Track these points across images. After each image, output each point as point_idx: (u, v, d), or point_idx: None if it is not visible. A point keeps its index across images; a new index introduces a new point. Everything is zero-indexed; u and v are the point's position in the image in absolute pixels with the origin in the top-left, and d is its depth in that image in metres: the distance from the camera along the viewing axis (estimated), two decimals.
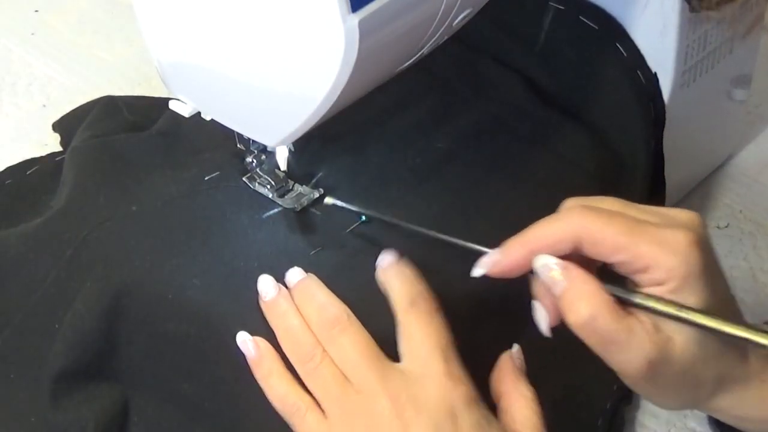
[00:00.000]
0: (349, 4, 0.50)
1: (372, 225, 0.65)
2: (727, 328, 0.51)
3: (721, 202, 0.83)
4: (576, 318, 0.54)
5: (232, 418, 0.60)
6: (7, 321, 0.67)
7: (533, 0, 0.75)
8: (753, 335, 0.51)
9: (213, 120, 0.63)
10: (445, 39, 0.60)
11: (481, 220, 0.66)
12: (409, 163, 0.69)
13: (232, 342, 0.60)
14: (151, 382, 0.63)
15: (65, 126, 0.85)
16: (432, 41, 0.58)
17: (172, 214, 0.66)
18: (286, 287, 0.62)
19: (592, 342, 0.54)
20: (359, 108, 0.62)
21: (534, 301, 0.57)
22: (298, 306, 0.60)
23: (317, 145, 0.69)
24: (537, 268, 0.55)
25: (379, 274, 0.61)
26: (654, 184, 0.73)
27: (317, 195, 0.66)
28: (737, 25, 0.57)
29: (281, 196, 0.66)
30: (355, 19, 0.50)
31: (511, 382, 0.59)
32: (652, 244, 0.53)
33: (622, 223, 0.54)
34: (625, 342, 0.53)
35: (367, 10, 0.50)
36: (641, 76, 0.72)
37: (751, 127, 0.89)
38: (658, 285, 0.53)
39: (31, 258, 0.68)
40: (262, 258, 0.63)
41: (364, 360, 0.57)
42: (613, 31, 0.73)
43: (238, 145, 0.66)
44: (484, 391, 0.62)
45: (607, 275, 0.55)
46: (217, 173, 0.68)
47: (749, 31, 0.75)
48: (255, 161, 0.66)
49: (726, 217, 0.82)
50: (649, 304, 0.53)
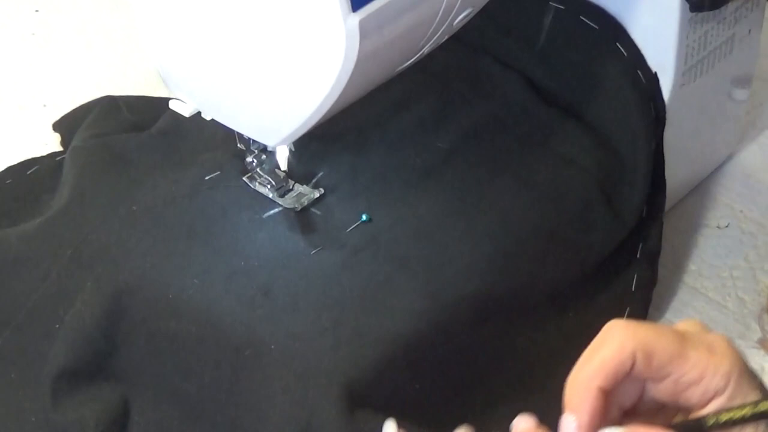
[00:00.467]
0: (349, 3, 0.50)
1: (372, 225, 0.65)
2: None
3: (721, 202, 0.83)
4: None
5: (232, 417, 0.60)
6: (8, 321, 0.67)
7: (533, 0, 0.75)
8: None
9: (213, 120, 0.63)
10: (445, 39, 0.61)
11: (481, 219, 0.66)
12: (410, 162, 0.69)
13: (232, 341, 0.60)
14: (151, 381, 0.63)
15: (65, 126, 0.85)
16: (432, 41, 0.58)
17: (173, 214, 0.66)
18: None
19: None
20: (359, 108, 0.62)
21: None
22: None
23: (317, 145, 0.69)
24: None
25: None
26: (654, 184, 0.73)
27: (317, 195, 0.66)
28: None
29: (281, 196, 0.66)
30: (355, 19, 0.50)
31: None
32: (704, 351, 0.50)
33: (671, 332, 0.51)
34: None
35: (367, 10, 0.50)
36: (641, 75, 0.72)
37: (751, 127, 0.89)
38: (716, 393, 0.50)
39: (31, 258, 0.68)
40: (262, 257, 0.63)
41: None
42: (613, 31, 0.73)
43: (239, 145, 0.66)
44: (482, 391, 0.62)
45: None
46: (218, 173, 0.68)
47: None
48: (255, 161, 0.66)
49: (726, 217, 0.82)
50: (729, 416, 0.49)
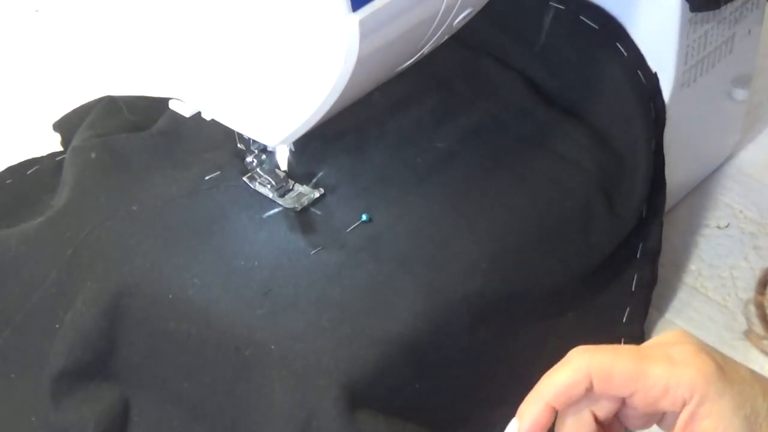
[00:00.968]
0: (349, 3, 0.50)
1: (372, 225, 0.65)
2: None
3: (721, 202, 0.83)
4: None
5: (233, 417, 0.60)
6: (8, 321, 0.67)
7: (533, 0, 0.75)
8: None
9: (213, 120, 0.63)
10: (445, 39, 0.61)
11: (481, 219, 0.66)
12: (410, 162, 0.69)
13: (232, 342, 0.60)
14: (151, 381, 0.63)
15: (65, 126, 0.85)
16: (432, 41, 0.58)
17: (173, 213, 0.66)
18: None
19: None
20: (359, 108, 0.62)
21: None
22: None
23: (317, 145, 0.69)
24: None
25: None
26: (654, 184, 0.73)
27: (317, 195, 0.66)
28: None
29: (281, 196, 0.66)
30: (355, 18, 0.50)
31: None
32: (664, 364, 0.51)
33: (628, 352, 0.52)
34: None
35: (367, 9, 0.50)
36: (641, 75, 0.72)
37: (751, 127, 0.89)
38: (683, 404, 0.51)
39: (31, 258, 0.68)
40: (262, 257, 0.63)
41: None
42: (613, 31, 0.73)
43: (239, 145, 0.66)
44: (483, 391, 0.62)
45: None
46: (218, 173, 0.68)
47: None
48: (255, 161, 0.66)
49: (726, 217, 0.82)
50: None
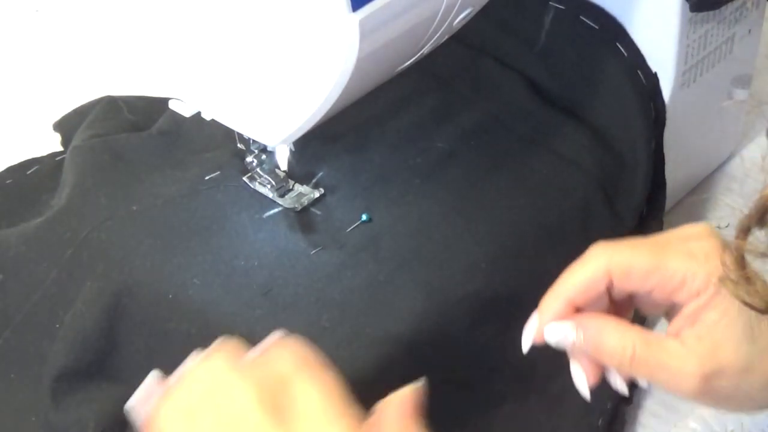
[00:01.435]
0: (349, 3, 0.50)
1: (372, 225, 0.65)
2: None
3: (722, 202, 0.83)
4: (618, 362, 0.53)
5: None
6: (8, 321, 0.67)
7: (533, 0, 0.75)
8: None
9: (213, 120, 0.63)
10: (445, 39, 0.61)
11: (481, 219, 0.66)
12: (410, 162, 0.69)
13: None
14: None
15: (65, 126, 0.85)
16: (432, 41, 0.58)
17: (173, 213, 0.66)
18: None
19: (642, 375, 0.54)
20: (359, 108, 0.62)
21: (571, 364, 0.56)
22: None
23: (317, 145, 0.69)
24: (555, 341, 0.54)
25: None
26: (654, 184, 0.73)
27: (317, 195, 0.66)
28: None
29: (281, 196, 0.66)
30: (355, 18, 0.50)
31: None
32: (683, 257, 0.53)
33: (647, 247, 0.54)
34: (670, 364, 0.52)
35: (367, 9, 0.50)
36: (641, 75, 0.72)
37: (751, 127, 0.89)
38: (699, 292, 0.52)
39: (31, 258, 0.68)
40: (262, 257, 0.63)
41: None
42: (613, 31, 0.73)
43: (239, 144, 0.66)
44: (483, 391, 0.62)
45: None
46: (218, 173, 0.68)
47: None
48: (255, 161, 0.66)
49: (726, 217, 0.82)
50: None
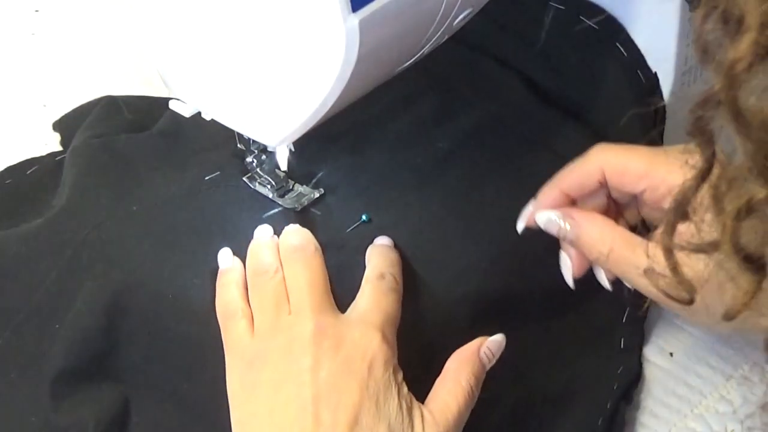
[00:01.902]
0: (349, 4, 0.50)
1: (372, 225, 0.65)
2: None
3: None
4: (596, 256, 0.58)
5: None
6: (8, 321, 0.67)
7: (533, 0, 0.75)
8: None
9: (213, 120, 0.63)
10: (445, 39, 0.61)
11: (481, 219, 0.66)
12: (410, 162, 0.69)
13: None
14: (151, 381, 0.63)
15: (65, 125, 0.85)
16: (432, 41, 0.58)
17: (173, 213, 0.66)
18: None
19: (618, 272, 0.58)
20: (359, 108, 0.62)
21: (561, 254, 0.60)
22: (279, 241, 0.61)
23: (317, 145, 0.68)
24: (544, 225, 0.59)
25: (368, 249, 0.62)
26: None
27: (317, 195, 0.66)
28: None
29: (281, 196, 0.66)
30: (355, 19, 0.50)
31: (457, 363, 0.59)
32: (672, 168, 0.56)
33: (644, 153, 0.59)
34: (644, 266, 0.54)
35: (367, 10, 0.50)
36: (641, 75, 0.72)
37: None
38: None
39: (31, 258, 0.68)
40: None
41: (309, 288, 0.58)
42: (613, 31, 0.73)
43: (239, 145, 0.66)
44: (482, 391, 0.61)
45: None
46: (218, 173, 0.68)
47: None
48: (255, 161, 0.66)
49: None
50: None
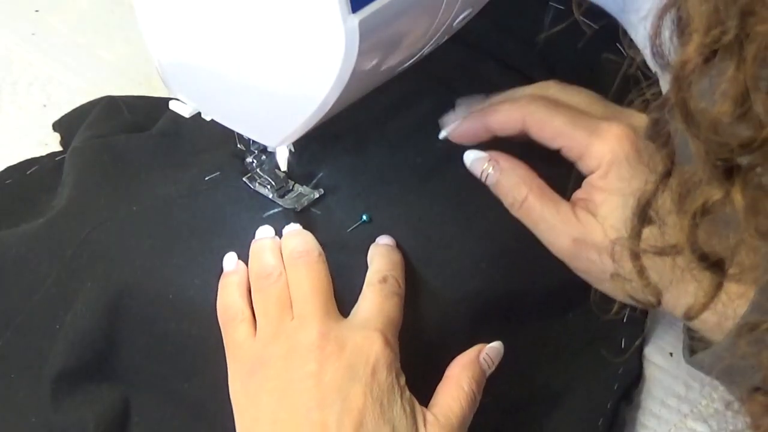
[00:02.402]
0: (349, 4, 0.50)
1: (373, 225, 0.65)
2: None
3: None
4: (510, 202, 0.62)
5: (233, 417, 0.60)
6: (8, 322, 0.67)
7: (533, 0, 0.75)
8: None
9: (213, 120, 0.63)
10: (445, 39, 0.61)
11: (481, 218, 0.66)
12: (410, 162, 0.69)
13: None
14: (151, 381, 0.63)
15: (66, 126, 0.85)
16: (432, 41, 0.58)
17: (173, 213, 0.66)
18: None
19: (527, 222, 0.62)
20: (359, 108, 0.62)
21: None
22: (282, 244, 0.62)
23: (317, 145, 0.68)
24: (469, 164, 0.63)
25: (370, 249, 0.62)
26: None
27: (317, 195, 0.66)
28: None
29: (281, 197, 0.66)
30: (355, 19, 0.50)
31: (459, 369, 0.59)
32: (586, 133, 0.60)
33: (565, 114, 0.61)
34: (551, 221, 0.61)
35: (367, 10, 0.50)
36: (641, 75, 0.72)
37: None
38: (592, 172, 0.60)
39: (31, 258, 0.68)
40: None
41: (313, 294, 0.58)
42: (613, 31, 0.72)
43: (238, 145, 0.66)
44: (483, 391, 0.61)
45: None
46: (218, 173, 0.68)
47: None
48: (255, 161, 0.66)
49: None
50: None
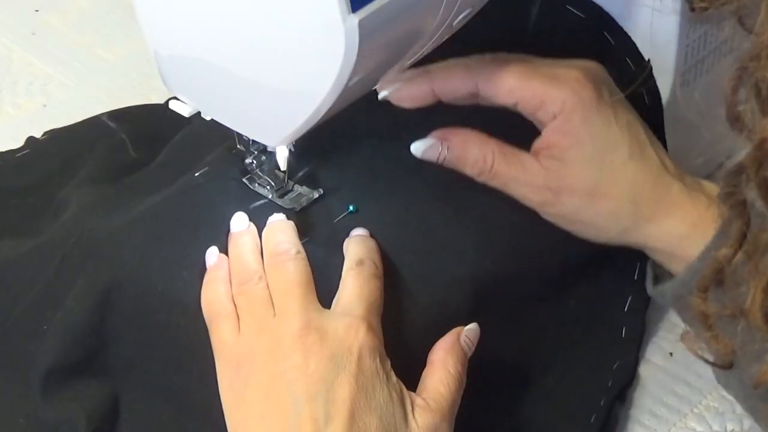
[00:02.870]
0: (349, 4, 0.50)
1: (359, 216, 0.64)
2: None
3: None
4: (478, 172, 0.62)
5: (221, 410, 0.60)
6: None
7: None
8: None
9: (213, 120, 0.63)
10: (445, 38, 0.61)
11: (469, 207, 0.66)
12: (397, 154, 0.68)
13: None
14: (141, 376, 0.63)
15: (60, 156, 0.83)
16: (432, 41, 0.58)
17: (162, 207, 0.66)
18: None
19: (497, 185, 0.62)
20: (359, 107, 0.62)
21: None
22: (262, 240, 0.62)
23: (315, 144, 0.68)
24: (421, 154, 0.63)
25: (345, 241, 0.62)
26: None
27: (317, 195, 0.66)
28: None
29: (281, 197, 0.66)
30: (355, 19, 0.50)
31: (443, 353, 0.59)
32: (544, 81, 0.60)
33: (516, 67, 0.61)
34: (521, 178, 0.61)
35: (367, 10, 0.50)
36: (630, 63, 0.72)
37: None
38: (554, 118, 0.60)
39: (21, 261, 0.68)
40: None
41: (293, 290, 0.58)
42: (600, 20, 0.72)
43: (238, 145, 0.66)
44: (480, 378, 0.61)
45: None
46: (206, 168, 0.68)
47: None
48: (255, 162, 0.66)
49: None
50: None
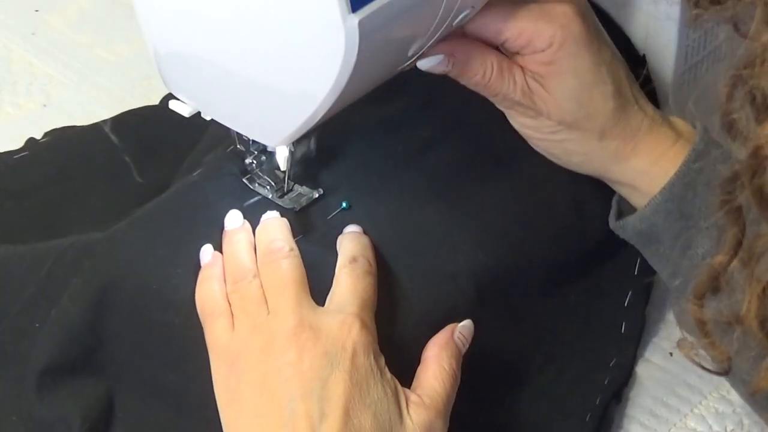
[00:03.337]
0: (349, 4, 0.50)
1: (353, 213, 0.64)
2: None
3: None
4: (473, 83, 0.62)
5: (215, 408, 0.60)
6: None
7: None
8: None
9: (213, 120, 0.63)
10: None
11: (462, 204, 0.66)
12: (391, 150, 0.68)
13: None
14: (136, 375, 0.64)
15: (58, 143, 0.84)
16: (432, 41, 0.58)
17: (156, 205, 0.66)
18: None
19: (488, 95, 0.63)
20: (359, 108, 0.62)
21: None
22: (255, 238, 0.62)
23: (314, 143, 0.68)
24: (427, 68, 0.62)
25: (338, 239, 0.62)
26: None
27: (317, 195, 0.66)
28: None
29: (281, 197, 0.66)
30: (355, 19, 0.50)
31: (437, 349, 0.59)
32: (532, 18, 0.60)
33: (504, 5, 0.61)
34: (510, 94, 0.62)
35: (367, 10, 0.51)
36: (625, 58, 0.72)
37: None
38: (542, 52, 0.61)
39: (16, 260, 0.68)
40: None
41: (287, 288, 0.58)
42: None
43: (238, 145, 0.66)
44: (478, 374, 0.61)
45: None
46: (201, 168, 0.68)
47: None
48: (255, 162, 0.66)
49: None
50: None
